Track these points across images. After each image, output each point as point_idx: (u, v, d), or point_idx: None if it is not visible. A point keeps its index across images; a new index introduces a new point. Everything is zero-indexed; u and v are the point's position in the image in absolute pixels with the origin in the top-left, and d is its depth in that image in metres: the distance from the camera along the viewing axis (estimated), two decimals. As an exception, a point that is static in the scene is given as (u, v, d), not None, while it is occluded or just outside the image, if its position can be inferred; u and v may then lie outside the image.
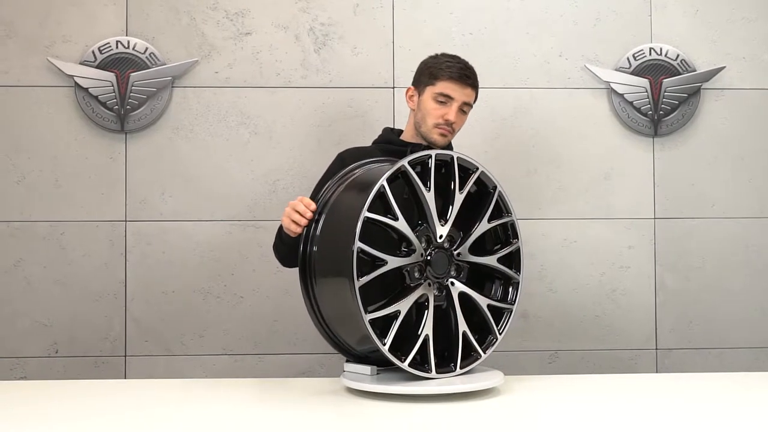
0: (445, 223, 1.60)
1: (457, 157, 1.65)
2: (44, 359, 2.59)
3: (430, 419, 1.46)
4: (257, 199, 2.64)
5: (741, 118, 2.74)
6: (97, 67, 2.60)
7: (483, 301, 1.67)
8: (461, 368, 1.63)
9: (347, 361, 1.79)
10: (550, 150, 2.70)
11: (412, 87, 2.06)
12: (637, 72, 2.69)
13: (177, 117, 2.64)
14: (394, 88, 2.68)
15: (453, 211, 1.60)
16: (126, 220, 2.62)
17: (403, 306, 1.57)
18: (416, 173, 1.63)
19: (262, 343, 2.64)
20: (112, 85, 2.60)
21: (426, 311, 1.59)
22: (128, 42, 2.61)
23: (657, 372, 2.69)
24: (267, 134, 2.65)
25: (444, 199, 1.66)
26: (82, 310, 2.60)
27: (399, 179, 1.65)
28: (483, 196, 1.74)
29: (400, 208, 1.59)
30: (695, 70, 2.70)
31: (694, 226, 2.72)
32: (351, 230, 1.54)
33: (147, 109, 2.61)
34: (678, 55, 2.69)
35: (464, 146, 2.65)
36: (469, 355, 1.66)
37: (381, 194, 1.58)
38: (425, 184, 1.63)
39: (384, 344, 1.55)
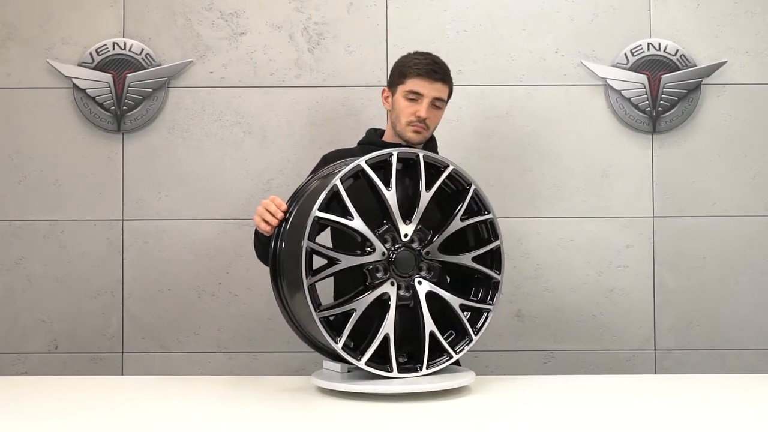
0: (410, 222, 1.59)
1: (425, 155, 1.63)
2: (44, 355, 2.65)
3: (396, 418, 1.45)
4: (251, 197, 2.66)
5: (744, 114, 2.67)
6: (95, 68, 2.64)
7: (455, 301, 1.64)
8: (429, 368, 1.61)
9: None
10: (545, 147, 2.67)
11: (387, 88, 2.06)
12: (635, 68, 2.64)
13: (172, 117, 2.67)
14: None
15: (419, 210, 1.59)
16: (123, 219, 2.66)
17: (360, 305, 1.57)
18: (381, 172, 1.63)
19: (256, 340, 2.66)
20: (109, 86, 2.64)
21: (389, 310, 1.58)
22: (124, 43, 2.65)
23: (656, 373, 2.64)
24: (261, 133, 2.67)
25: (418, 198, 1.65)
26: (80, 307, 2.65)
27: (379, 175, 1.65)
28: (461, 194, 1.72)
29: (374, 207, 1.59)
30: (695, 66, 2.64)
31: (694, 224, 2.66)
32: (304, 229, 1.56)
33: (143, 109, 2.65)
34: (677, 51, 2.64)
35: (459, 144, 2.64)
36: (440, 355, 1.64)
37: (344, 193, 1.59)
38: (402, 182, 1.63)
39: (337, 342, 1.55)
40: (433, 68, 1.97)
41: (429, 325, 1.59)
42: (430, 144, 2.11)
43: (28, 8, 2.67)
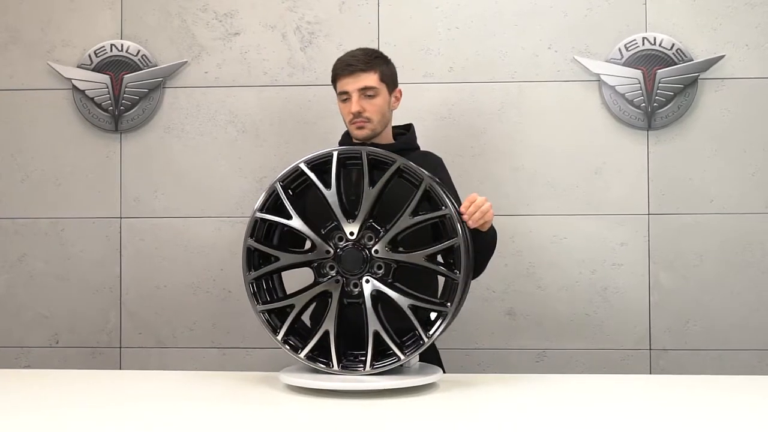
0: (354, 220, 1.60)
1: (369, 152, 1.62)
2: (46, 349, 2.73)
3: (347, 414, 1.46)
4: (245, 195, 2.69)
5: (743, 108, 2.61)
6: (93, 69, 2.70)
7: (403, 301, 1.60)
8: (373, 368, 1.60)
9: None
10: (538, 144, 2.65)
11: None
12: (630, 63, 2.59)
13: (168, 117, 2.72)
14: (379, 84, 2.67)
15: (363, 208, 1.59)
16: (121, 217, 2.72)
17: (299, 300, 1.63)
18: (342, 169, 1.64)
19: (249, 337, 2.69)
20: (107, 87, 2.70)
21: (330, 306, 1.60)
22: (122, 45, 2.70)
23: (651, 373, 2.60)
24: (254, 132, 2.70)
25: (378, 196, 1.64)
26: (80, 303, 2.72)
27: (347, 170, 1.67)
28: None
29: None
30: (692, 60, 2.58)
31: (691, 222, 2.61)
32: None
33: (139, 109, 2.70)
34: (673, 45, 2.59)
35: (451, 141, 2.64)
36: (388, 356, 1.62)
37: (299, 192, 1.61)
38: (365, 181, 1.63)
39: (277, 335, 1.64)
40: (348, 62, 1.99)
41: (373, 324, 1.58)
42: (405, 137, 2.12)
43: (30, 12, 2.74)
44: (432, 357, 2.02)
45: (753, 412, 1.49)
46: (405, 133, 2.14)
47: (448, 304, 1.61)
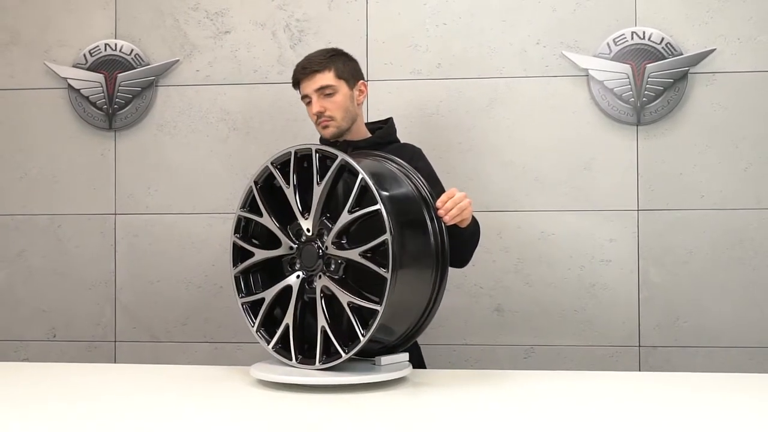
0: (308, 216, 1.62)
1: (318, 149, 1.64)
2: (44, 343, 2.79)
3: (312, 409, 1.48)
4: (236, 192, 2.72)
5: (735, 102, 2.57)
6: (88, 69, 2.76)
7: (344, 299, 1.58)
8: (322, 363, 1.60)
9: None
10: (527, 140, 2.64)
11: None
12: (618, 58, 2.57)
13: (161, 115, 2.76)
14: (367, 81, 2.68)
15: (314, 204, 1.61)
16: (115, 213, 2.77)
17: (268, 294, 1.68)
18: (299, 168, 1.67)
19: (241, 332, 2.72)
20: (101, 86, 2.75)
21: (290, 301, 1.64)
22: (116, 44, 2.75)
23: (640, 371, 2.58)
24: (245, 129, 2.74)
25: (330, 194, 1.65)
26: (76, 297, 2.78)
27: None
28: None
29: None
30: (682, 54, 2.56)
31: (681, 218, 2.58)
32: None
33: (132, 107, 2.75)
34: (663, 39, 2.56)
35: (439, 137, 2.64)
36: (335, 352, 1.60)
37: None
38: (313, 178, 1.64)
39: (253, 326, 1.68)
40: (303, 66, 2.03)
41: (321, 320, 1.59)
42: (382, 131, 2.13)
43: (28, 13, 2.80)
44: (411, 354, 2.03)
45: (742, 409, 1.48)
46: (383, 127, 2.16)
47: (379, 301, 1.53)
